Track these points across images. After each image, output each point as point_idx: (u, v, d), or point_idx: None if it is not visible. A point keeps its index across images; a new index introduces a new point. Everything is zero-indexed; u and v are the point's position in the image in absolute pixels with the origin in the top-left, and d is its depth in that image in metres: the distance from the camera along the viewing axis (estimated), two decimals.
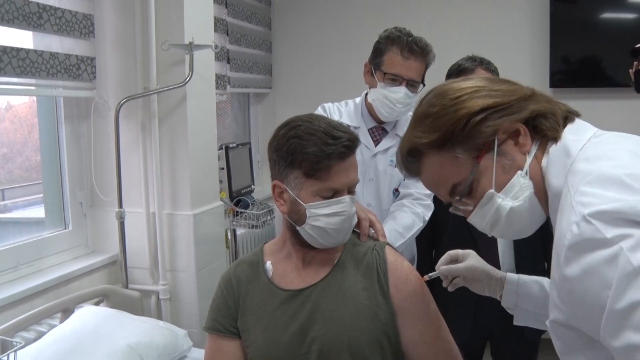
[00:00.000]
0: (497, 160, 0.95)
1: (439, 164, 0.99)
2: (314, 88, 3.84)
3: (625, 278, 0.74)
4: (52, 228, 2.31)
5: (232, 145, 2.85)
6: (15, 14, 1.90)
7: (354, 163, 1.27)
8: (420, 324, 1.28)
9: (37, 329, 1.93)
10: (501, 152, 0.95)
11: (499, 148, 0.95)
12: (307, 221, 1.25)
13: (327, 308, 1.27)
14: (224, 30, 3.23)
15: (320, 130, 1.22)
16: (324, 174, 1.22)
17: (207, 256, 2.49)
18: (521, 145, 0.96)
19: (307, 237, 1.27)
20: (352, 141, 1.24)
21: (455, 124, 0.95)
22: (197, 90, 2.42)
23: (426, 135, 0.98)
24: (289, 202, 1.27)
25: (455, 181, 0.98)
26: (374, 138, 2.01)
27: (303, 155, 1.21)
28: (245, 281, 1.36)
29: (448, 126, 0.96)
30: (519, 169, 0.96)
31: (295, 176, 1.24)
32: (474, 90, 0.98)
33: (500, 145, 0.95)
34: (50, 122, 2.29)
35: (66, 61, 2.14)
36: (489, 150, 0.95)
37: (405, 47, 1.84)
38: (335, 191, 1.24)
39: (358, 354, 1.24)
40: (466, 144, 0.96)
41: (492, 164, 0.95)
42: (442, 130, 0.96)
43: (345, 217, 1.25)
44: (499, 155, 0.95)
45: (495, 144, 0.95)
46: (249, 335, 1.32)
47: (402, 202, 1.95)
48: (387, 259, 1.32)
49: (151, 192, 2.38)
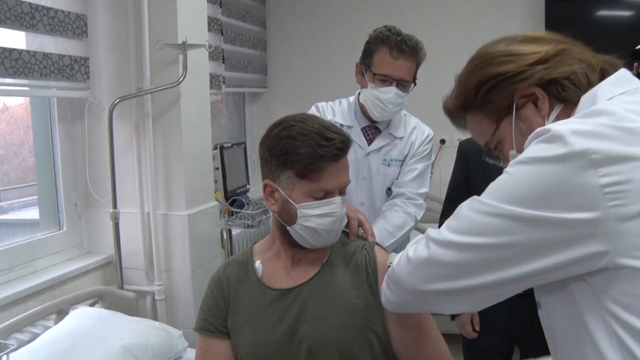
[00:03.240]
0: (515, 124, 0.99)
1: (470, 122, 1.07)
2: (309, 87, 3.85)
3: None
4: (46, 229, 2.30)
5: (227, 145, 2.85)
6: (7, 14, 1.89)
7: (346, 165, 1.28)
8: (410, 322, 1.28)
9: (31, 330, 1.92)
10: (519, 116, 0.98)
11: (518, 112, 0.98)
12: (298, 221, 1.25)
13: (315, 307, 1.27)
14: (219, 30, 3.23)
15: (314, 132, 1.22)
16: (317, 175, 1.22)
17: (202, 256, 2.48)
18: (540, 109, 0.97)
19: (297, 237, 1.28)
20: (345, 143, 1.25)
21: (469, 92, 1.02)
22: (191, 89, 2.41)
23: (452, 100, 1.07)
24: (280, 201, 1.27)
25: (484, 140, 1.06)
26: (367, 137, 2.01)
27: (296, 155, 1.21)
28: (235, 281, 1.36)
29: (465, 93, 1.03)
30: None
31: (287, 176, 1.24)
32: (491, 57, 1.00)
33: (520, 109, 0.98)
34: (44, 122, 2.29)
35: (59, 61, 2.13)
36: (508, 114, 0.99)
37: (395, 47, 1.83)
38: (326, 192, 1.25)
39: (347, 352, 1.24)
40: (484, 109, 1.02)
41: (511, 127, 0.99)
42: (462, 97, 1.04)
43: (336, 218, 1.26)
44: (517, 119, 0.98)
45: (514, 108, 0.98)
46: (238, 334, 1.32)
47: (394, 201, 1.95)
48: (376, 258, 1.32)
49: (146, 193, 2.38)
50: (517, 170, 0.84)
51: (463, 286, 0.89)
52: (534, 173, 0.82)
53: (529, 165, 0.83)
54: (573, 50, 0.97)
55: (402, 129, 2.02)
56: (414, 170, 1.98)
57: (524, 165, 0.83)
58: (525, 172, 0.83)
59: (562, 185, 0.79)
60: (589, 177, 0.77)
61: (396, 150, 2.00)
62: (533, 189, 0.81)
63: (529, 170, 0.82)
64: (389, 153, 2.00)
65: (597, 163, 0.77)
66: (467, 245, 0.87)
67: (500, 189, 0.86)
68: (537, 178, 0.81)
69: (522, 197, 0.82)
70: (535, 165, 0.82)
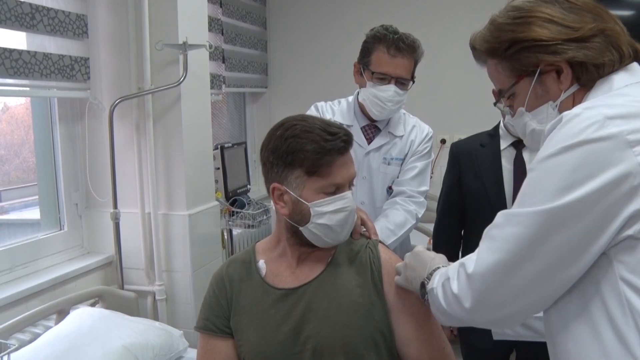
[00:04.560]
0: (533, 86, 1.03)
1: (492, 66, 1.10)
2: (309, 87, 3.85)
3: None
4: (47, 229, 2.30)
5: (227, 145, 2.85)
6: (8, 14, 1.89)
7: (351, 158, 1.28)
8: (414, 321, 1.27)
9: (32, 330, 1.93)
10: (540, 81, 1.02)
11: (539, 77, 1.02)
12: (312, 220, 1.24)
13: (320, 307, 1.26)
14: (219, 30, 3.23)
15: (317, 128, 1.22)
16: (326, 169, 1.22)
17: (203, 256, 2.48)
18: (560, 82, 1.01)
19: (310, 236, 1.26)
20: (349, 136, 1.26)
21: (501, 44, 1.05)
22: (192, 90, 2.41)
23: (481, 41, 1.09)
24: (291, 203, 1.25)
25: (500, 87, 1.11)
26: (367, 136, 2.01)
27: (304, 153, 1.21)
28: (238, 280, 1.35)
29: (496, 42, 1.05)
30: (552, 101, 1.03)
31: (296, 176, 1.23)
32: (533, 18, 1.01)
33: (542, 74, 1.02)
34: (45, 123, 2.29)
35: (60, 62, 2.14)
36: (530, 75, 1.03)
37: (392, 45, 1.83)
38: (337, 187, 1.24)
39: (352, 352, 1.23)
40: (509, 63, 1.05)
41: (529, 88, 1.04)
42: (492, 44, 1.07)
43: (349, 212, 1.26)
44: (537, 83, 1.03)
45: (536, 73, 1.02)
46: (242, 334, 1.31)
47: (394, 199, 1.95)
48: (381, 256, 1.32)
49: (146, 193, 2.38)
50: (552, 164, 0.87)
51: (535, 300, 0.92)
52: (573, 158, 0.84)
53: (565, 154, 0.85)
54: (612, 33, 0.99)
55: (401, 128, 2.02)
56: (414, 169, 1.98)
57: (558, 156, 0.86)
58: (561, 162, 0.85)
59: (601, 161, 0.83)
60: (627, 156, 0.82)
61: (396, 148, 2.00)
62: (576, 170, 0.84)
63: (565, 159, 0.85)
64: (389, 152, 2.00)
65: (633, 143, 0.83)
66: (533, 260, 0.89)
67: (540, 189, 0.87)
68: (577, 159, 0.84)
69: (566, 185, 0.84)
70: (572, 150, 0.85)
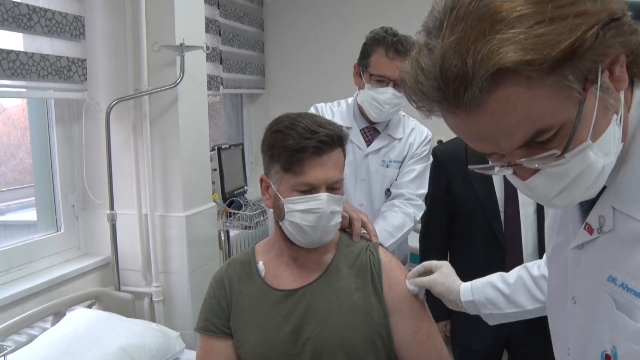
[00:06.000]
0: (599, 97, 0.63)
1: (516, 99, 0.63)
2: (307, 88, 3.84)
3: None
4: (44, 231, 2.29)
5: (224, 146, 2.84)
6: (5, 15, 1.89)
7: (335, 160, 1.24)
8: (412, 323, 1.28)
9: (28, 332, 1.92)
10: (603, 87, 0.64)
11: (601, 80, 0.63)
12: (286, 216, 1.25)
13: (321, 308, 1.27)
14: (216, 31, 3.22)
15: (301, 125, 1.22)
16: (299, 168, 1.21)
17: (200, 258, 2.48)
18: (615, 80, 0.65)
19: (287, 233, 1.28)
20: (331, 137, 1.22)
21: (579, 37, 0.63)
22: (189, 91, 2.41)
23: (516, 53, 0.65)
24: (272, 196, 1.28)
25: (536, 127, 0.64)
26: (366, 138, 2.01)
27: (280, 149, 1.22)
28: (238, 281, 1.35)
29: (551, 45, 0.63)
30: (615, 114, 0.66)
31: (275, 170, 1.25)
32: None
33: (601, 74, 0.63)
34: (41, 124, 2.28)
35: (57, 63, 2.13)
36: (593, 82, 0.62)
37: (391, 48, 1.83)
38: (311, 187, 1.23)
39: (352, 354, 1.24)
40: (563, 75, 0.62)
41: (594, 103, 0.63)
42: (540, 49, 0.65)
43: (320, 214, 1.22)
44: (601, 91, 0.64)
45: (599, 75, 0.62)
46: (242, 335, 1.32)
47: (393, 202, 1.95)
48: (381, 259, 1.32)
49: (143, 194, 2.37)
50: None
51: None
52: None
53: None
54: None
55: (400, 130, 2.02)
56: (412, 171, 1.98)
57: None
58: None
59: None
60: None
61: (395, 151, 2.00)
62: None
63: None
64: (387, 154, 2.00)
65: None
66: None
67: None
68: None
69: None
70: None
